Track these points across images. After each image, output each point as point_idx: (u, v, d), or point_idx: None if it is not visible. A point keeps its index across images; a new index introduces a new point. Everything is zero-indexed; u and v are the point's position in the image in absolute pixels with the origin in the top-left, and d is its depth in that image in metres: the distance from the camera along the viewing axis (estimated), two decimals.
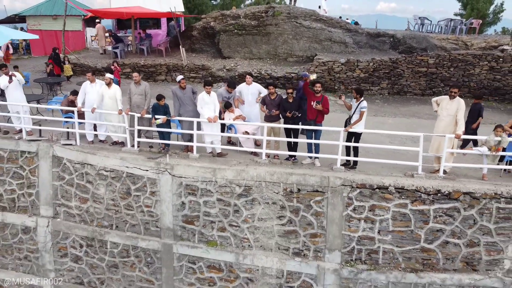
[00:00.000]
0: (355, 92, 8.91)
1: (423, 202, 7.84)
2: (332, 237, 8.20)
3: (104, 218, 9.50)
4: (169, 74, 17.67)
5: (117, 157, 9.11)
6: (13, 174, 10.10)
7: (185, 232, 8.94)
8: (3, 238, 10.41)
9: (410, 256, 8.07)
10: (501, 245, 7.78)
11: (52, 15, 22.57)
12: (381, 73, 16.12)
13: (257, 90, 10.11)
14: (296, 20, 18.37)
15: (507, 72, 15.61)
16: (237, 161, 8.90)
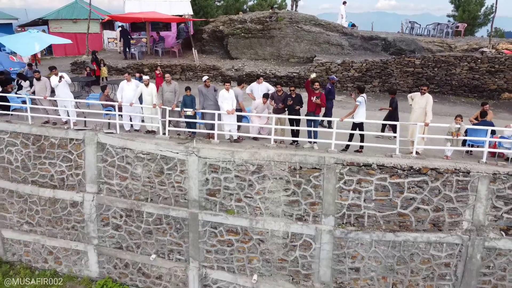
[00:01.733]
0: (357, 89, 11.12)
1: (399, 176, 10.01)
2: (327, 205, 10.37)
3: (140, 193, 11.67)
4: (183, 73, 19.80)
5: (152, 143, 11.27)
6: (63, 158, 12.25)
7: (208, 203, 11.12)
8: (54, 211, 12.58)
9: (389, 219, 10.25)
10: (460, 210, 9.96)
11: (72, 19, 24.73)
12: (373, 72, 18.29)
13: (266, 88, 12.26)
14: (297, 24, 20.54)
15: (485, 72, 17.79)
16: (251, 145, 11.07)
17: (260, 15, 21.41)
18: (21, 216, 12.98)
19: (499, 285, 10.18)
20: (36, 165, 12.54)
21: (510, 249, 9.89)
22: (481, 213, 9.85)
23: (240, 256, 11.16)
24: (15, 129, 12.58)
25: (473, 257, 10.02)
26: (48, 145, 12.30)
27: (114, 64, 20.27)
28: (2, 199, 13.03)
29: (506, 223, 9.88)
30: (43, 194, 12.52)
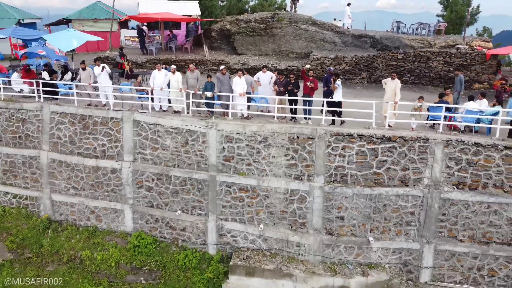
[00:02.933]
0: (335, 75, 14.09)
1: (374, 143, 12.98)
2: (318, 166, 13.34)
3: (169, 160, 14.62)
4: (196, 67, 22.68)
5: (179, 119, 14.23)
6: (104, 133, 15.21)
7: (224, 167, 14.08)
8: (96, 177, 15.53)
9: (367, 177, 13.22)
10: (421, 169, 12.94)
11: (93, 19, 27.67)
12: (361, 66, 21.27)
13: (269, 76, 15.21)
14: (296, 24, 23.53)
15: (458, 66, 20.77)
16: (258, 121, 14.04)
17: (263, 15, 24.38)
18: (68, 182, 15.94)
19: (452, 228, 13.16)
20: (81, 140, 15.49)
21: (460, 200, 12.86)
22: (437, 171, 12.83)
23: (250, 209, 14.14)
24: (64, 110, 15.53)
25: (432, 207, 13.01)
26: (92, 123, 15.26)
27: (134, 59, 23.17)
28: (53, 168, 15.99)
29: (457, 179, 12.86)
30: (87, 163, 15.49)
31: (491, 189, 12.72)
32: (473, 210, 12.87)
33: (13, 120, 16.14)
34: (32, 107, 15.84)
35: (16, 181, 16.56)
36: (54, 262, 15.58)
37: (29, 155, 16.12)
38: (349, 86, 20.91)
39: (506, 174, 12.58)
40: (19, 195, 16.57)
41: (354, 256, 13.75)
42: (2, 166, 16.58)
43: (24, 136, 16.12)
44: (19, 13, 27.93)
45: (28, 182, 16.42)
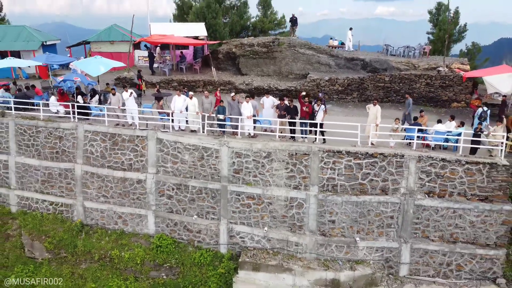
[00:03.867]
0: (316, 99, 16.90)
1: (359, 159, 15.74)
2: (313, 178, 16.10)
3: (187, 173, 17.37)
4: (205, 87, 25.57)
5: (196, 138, 17.01)
6: (131, 149, 17.96)
7: (234, 178, 16.83)
8: (124, 187, 18.27)
9: (354, 187, 15.98)
10: (398, 180, 15.71)
11: (110, 41, 30.58)
12: (353, 87, 24.13)
13: (272, 100, 18.01)
14: (295, 48, 26.43)
15: (438, 87, 23.65)
16: (263, 139, 16.83)
17: (265, 40, 27.29)
18: (98, 191, 18.67)
19: (425, 230, 15.90)
20: (111, 154, 18.25)
21: (431, 206, 15.60)
22: (411, 182, 15.60)
23: (255, 214, 16.87)
24: (96, 129, 18.31)
25: (407, 212, 15.76)
26: (120, 140, 18.04)
27: (149, 80, 26.05)
28: (85, 179, 18.73)
29: (428, 188, 15.63)
30: (116, 175, 18.24)
31: (456, 197, 15.49)
32: (441, 215, 15.62)
33: (51, 138, 18.91)
34: (68, 126, 18.63)
35: (53, 190, 19.29)
36: (87, 261, 18.28)
37: (65, 167, 18.88)
38: (342, 105, 23.76)
39: (468, 185, 15.35)
40: (55, 202, 19.29)
41: (344, 253, 16.47)
42: (40, 177, 19.32)
43: (61, 151, 18.89)
44: (42, 36, 30.81)
45: (64, 191, 19.15)
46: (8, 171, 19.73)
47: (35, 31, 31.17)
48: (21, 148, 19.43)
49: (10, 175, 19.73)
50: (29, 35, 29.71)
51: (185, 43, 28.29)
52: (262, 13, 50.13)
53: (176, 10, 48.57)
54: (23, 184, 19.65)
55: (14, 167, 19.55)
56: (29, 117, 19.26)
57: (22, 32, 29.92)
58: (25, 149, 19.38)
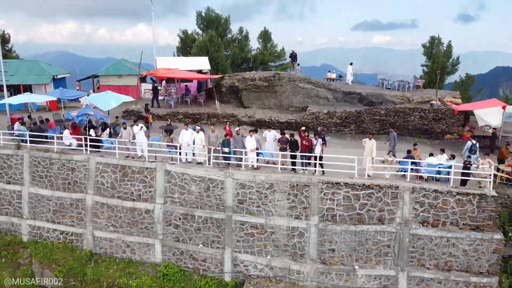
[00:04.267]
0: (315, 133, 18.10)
1: (357, 190, 16.79)
2: (313, 208, 17.08)
3: (193, 203, 18.35)
4: (209, 119, 26.84)
5: (203, 170, 18.10)
6: (140, 180, 19.00)
7: (239, 208, 17.80)
8: (132, 217, 19.18)
9: (352, 217, 16.94)
10: (394, 210, 16.69)
11: (118, 75, 32.15)
12: (350, 119, 25.42)
13: (274, 134, 19.21)
14: (294, 82, 27.92)
15: (431, 120, 24.93)
16: (266, 171, 17.91)
17: (266, 74, 28.81)
18: (108, 220, 19.58)
19: (421, 258, 16.74)
20: (121, 185, 19.28)
21: (425, 235, 16.52)
22: (406, 212, 16.59)
23: (259, 243, 17.74)
24: (107, 161, 19.41)
25: (403, 241, 16.66)
26: (130, 171, 19.10)
27: (156, 112, 27.35)
28: (95, 209, 19.67)
29: (422, 218, 16.59)
30: (125, 205, 19.20)
31: (448, 226, 16.43)
32: (436, 243, 16.51)
33: (64, 169, 19.98)
34: (80, 158, 19.73)
35: (64, 219, 20.19)
36: None
37: (76, 198, 19.86)
38: (340, 137, 24.99)
39: (459, 215, 16.33)
40: (65, 231, 20.16)
41: (343, 281, 17.24)
42: (52, 207, 20.26)
43: (73, 182, 19.91)
44: (53, 70, 32.39)
45: (74, 221, 20.06)
46: (21, 201, 20.68)
47: (46, 65, 32.79)
48: (34, 179, 20.46)
49: (23, 205, 20.67)
50: (41, 70, 31.27)
51: (190, 78, 29.79)
52: (263, 46, 52.27)
53: (180, 43, 50.70)
54: (35, 214, 20.56)
55: (27, 197, 20.52)
56: (44, 149, 20.40)
57: (34, 66, 31.50)
58: (38, 180, 20.41)
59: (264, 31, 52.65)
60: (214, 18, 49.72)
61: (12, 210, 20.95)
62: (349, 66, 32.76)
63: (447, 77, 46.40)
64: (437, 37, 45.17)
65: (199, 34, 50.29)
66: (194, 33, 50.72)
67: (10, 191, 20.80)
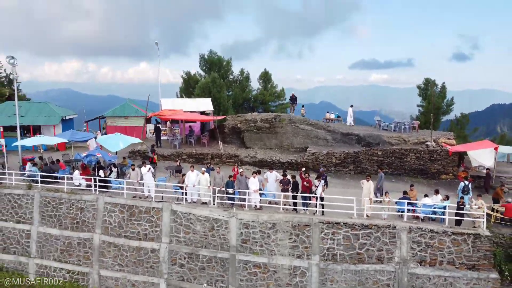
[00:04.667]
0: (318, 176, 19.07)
1: (356, 229, 17.56)
2: (315, 248, 17.77)
3: (198, 242, 19.03)
4: (212, 159, 27.87)
5: (208, 210, 18.92)
6: (147, 220, 19.77)
7: (242, 247, 18.46)
8: (138, 256, 19.77)
9: (352, 256, 17.60)
10: (392, 250, 17.39)
11: (124, 116, 33.54)
12: (349, 160, 26.48)
13: (275, 175, 20.18)
14: (295, 124, 29.22)
15: (427, 160, 26.00)
16: (268, 211, 18.73)
17: (268, 116, 30.17)
18: (114, 259, 20.14)
19: None
20: (128, 225, 20.01)
21: (423, 274, 17.11)
22: (404, 251, 17.27)
23: (262, 282, 18.27)
24: (115, 201, 20.25)
25: (402, 280, 17.23)
26: (137, 211, 19.90)
27: (160, 153, 28.42)
28: (102, 248, 20.28)
29: (419, 257, 17.26)
30: (132, 244, 19.84)
31: (445, 266, 17.08)
32: (434, 282, 17.08)
33: (73, 209, 20.77)
34: (89, 198, 20.57)
35: (70, 258, 20.74)
36: None
37: (84, 237, 20.52)
38: (339, 176, 25.94)
39: (455, 254, 17.02)
40: (72, 270, 20.66)
41: None
42: (60, 246, 20.87)
43: (81, 221, 20.65)
44: (62, 111, 33.81)
45: (81, 260, 20.60)
46: (29, 240, 21.31)
47: (55, 106, 34.26)
48: (44, 218, 21.20)
49: (31, 244, 21.28)
50: (50, 111, 32.67)
51: (194, 119, 31.15)
52: (263, 86, 54.24)
53: (183, 84, 52.68)
54: (42, 253, 21.13)
55: (36, 236, 21.18)
56: (54, 189, 21.28)
57: (44, 108, 32.93)
58: (47, 219, 21.15)
59: (264, 72, 54.81)
60: (216, 60, 51.99)
61: (20, 249, 21.53)
62: (350, 108, 34.26)
63: (443, 117, 48.10)
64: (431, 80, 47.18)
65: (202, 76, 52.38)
66: (197, 74, 52.86)
67: (20, 230, 21.48)
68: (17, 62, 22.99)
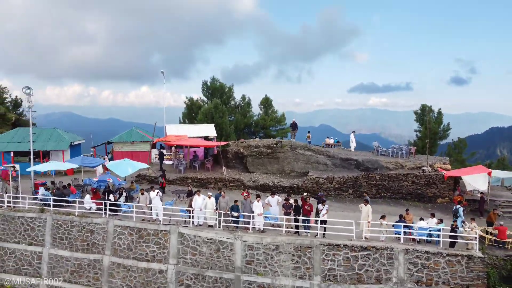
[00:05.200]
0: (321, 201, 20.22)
1: (355, 251, 18.57)
2: (316, 268, 18.73)
3: (204, 263, 19.98)
4: (216, 184, 29.00)
5: (213, 232, 19.96)
6: (155, 242, 20.76)
7: (246, 268, 19.41)
8: (146, 277, 20.66)
9: (352, 277, 18.55)
10: (390, 270, 18.36)
11: (130, 141, 34.89)
12: (348, 184, 27.64)
13: (277, 199, 21.31)
14: (295, 149, 30.52)
15: (423, 185, 27.16)
16: (271, 234, 19.77)
17: (269, 142, 31.52)
18: (123, 280, 21.01)
19: None
20: (136, 247, 20.98)
21: None
22: (401, 272, 18.23)
23: None
24: (125, 224, 21.29)
25: None
26: (146, 234, 20.92)
27: (166, 177, 29.57)
28: (111, 269, 21.18)
29: (416, 278, 18.21)
30: (140, 265, 20.76)
31: (441, 286, 18.01)
32: None
33: (84, 231, 21.78)
34: (100, 221, 21.62)
35: (80, 279, 21.61)
36: None
37: (94, 258, 21.45)
38: (339, 200, 27.04)
39: (450, 274, 17.98)
40: None
41: None
42: (70, 268, 21.77)
43: (91, 243, 21.63)
44: (70, 137, 35.20)
45: (90, 281, 21.47)
46: (41, 262, 22.22)
47: (64, 132, 35.65)
48: (55, 241, 22.18)
49: (42, 265, 22.18)
50: (59, 137, 34.05)
51: (199, 145, 32.47)
52: (264, 111, 55.90)
53: (185, 109, 54.32)
54: (53, 274, 22.00)
55: (47, 258, 22.11)
56: (65, 213, 22.35)
57: (53, 134, 34.32)
58: (59, 241, 22.13)
59: (265, 98, 56.57)
60: (218, 87, 53.83)
61: (31, 271, 22.40)
62: (352, 134, 35.66)
63: (440, 142, 49.51)
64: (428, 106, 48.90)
65: (204, 101, 54.11)
66: (199, 100, 54.60)
67: (31, 252, 22.41)
68: (32, 92, 24.47)
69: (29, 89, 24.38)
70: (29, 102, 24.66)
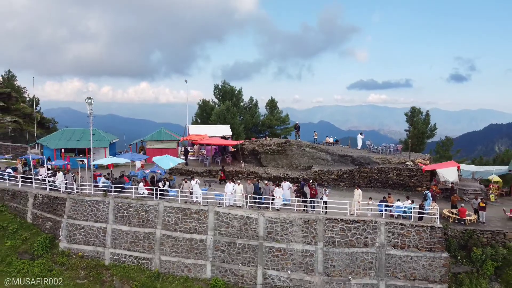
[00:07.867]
0: (324, 186, 27.42)
1: (349, 224, 25.72)
2: (320, 236, 25.89)
3: (235, 234, 27.08)
4: (236, 175, 36.06)
5: (242, 211, 27.07)
6: (196, 219, 27.84)
7: (268, 237, 26.55)
8: (190, 245, 27.76)
9: (346, 242, 25.70)
10: (374, 237, 25.53)
11: (160, 140, 41.90)
12: (344, 176, 34.80)
13: (288, 185, 28.42)
14: (301, 147, 37.64)
15: (406, 176, 34.36)
16: (286, 212, 26.91)
17: (280, 141, 38.60)
18: (171, 248, 28.11)
19: (394, 271, 25.28)
20: (182, 222, 28.07)
21: (396, 254, 25.21)
22: (383, 238, 25.42)
23: (282, 262, 26.28)
24: (172, 205, 28.36)
25: (381, 259, 25.32)
26: (189, 212, 28.01)
27: (194, 170, 36.64)
28: (162, 240, 28.28)
29: (393, 243, 25.49)
30: (185, 236, 27.87)
31: (412, 248, 25.22)
32: (404, 260, 25.17)
33: (139, 211, 28.84)
34: (152, 203, 28.69)
35: (137, 248, 28.71)
36: None
37: (148, 232, 28.53)
38: (337, 189, 34.21)
39: (418, 240, 25.17)
40: (139, 257, 28.57)
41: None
42: (129, 239, 28.85)
43: (146, 220, 28.70)
44: (109, 136, 42.20)
45: (145, 249, 28.57)
46: (105, 235, 29.28)
47: (103, 132, 42.65)
48: (116, 218, 29.24)
49: (107, 238, 29.24)
50: (100, 136, 41.03)
51: (221, 143, 39.54)
52: (269, 112, 63.01)
53: (198, 110, 61.35)
54: (115, 244, 29.07)
55: (111, 232, 29.17)
56: (124, 197, 29.41)
57: (95, 133, 41.19)
58: (119, 219, 29.19)
59: (271, 100, 63.68)
60: (229, 90, 60.91)
61: (98, 242, 29.46)
62: (359, 135, 42.72)
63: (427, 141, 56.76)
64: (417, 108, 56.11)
65: (216, 103, 61.15)
66: (211, 101, 61.61)
67: (97, 227, 29.46)
68: (93, 101, 31.39)
69: (90, 99, 31.27)
70: (90, 110, 31.57)
